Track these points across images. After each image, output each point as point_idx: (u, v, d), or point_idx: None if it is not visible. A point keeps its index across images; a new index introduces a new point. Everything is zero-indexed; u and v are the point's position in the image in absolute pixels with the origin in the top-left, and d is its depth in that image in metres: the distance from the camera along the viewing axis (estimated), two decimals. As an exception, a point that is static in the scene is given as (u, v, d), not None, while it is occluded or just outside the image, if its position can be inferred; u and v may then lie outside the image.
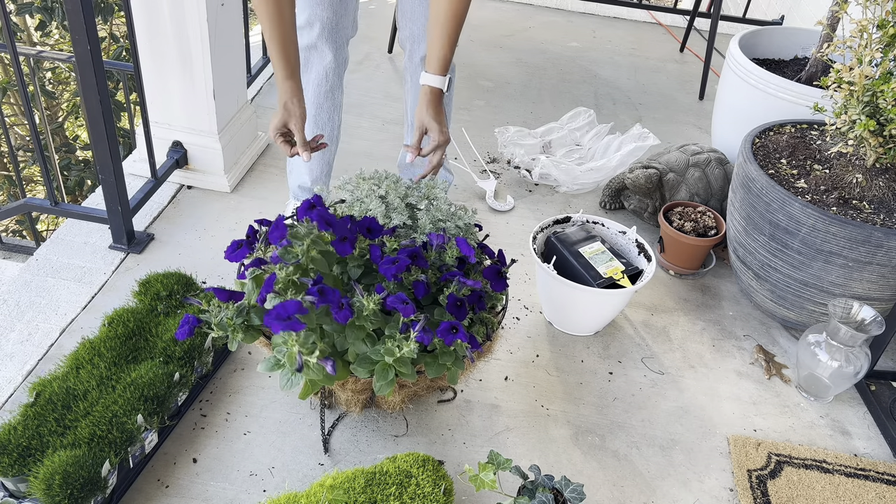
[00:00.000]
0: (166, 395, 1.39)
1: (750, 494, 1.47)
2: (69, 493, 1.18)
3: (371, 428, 1.53)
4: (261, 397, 1.56)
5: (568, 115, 2.61)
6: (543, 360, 1.75)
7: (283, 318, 1.10)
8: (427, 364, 1.25)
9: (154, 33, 1.95)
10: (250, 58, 2.57)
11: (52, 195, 1.92)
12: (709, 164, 2.17)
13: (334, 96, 1.88)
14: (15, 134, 4.61)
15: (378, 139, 2.57)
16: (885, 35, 1.63)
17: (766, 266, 1.79)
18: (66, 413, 1.32)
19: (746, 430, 1.63)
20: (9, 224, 4.36)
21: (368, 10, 3.64)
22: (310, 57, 1.81)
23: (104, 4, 3.63)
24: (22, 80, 1.73)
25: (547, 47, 3.48)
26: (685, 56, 3.57)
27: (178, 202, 2.13)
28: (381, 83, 2.95)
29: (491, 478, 1.23)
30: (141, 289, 1.61)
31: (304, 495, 1.25)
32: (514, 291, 1.94)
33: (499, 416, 1.59)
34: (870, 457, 1.61)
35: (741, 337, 1.89)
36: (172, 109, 2.10)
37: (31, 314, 1.71)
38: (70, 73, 4.58)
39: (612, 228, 1.90)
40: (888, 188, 1.73)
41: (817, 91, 2.00)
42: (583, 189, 2.38)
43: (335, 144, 1.97)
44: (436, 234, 1.36)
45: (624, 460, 1.53)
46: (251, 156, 2.33)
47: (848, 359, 1.62)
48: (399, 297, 1.17)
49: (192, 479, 1.39)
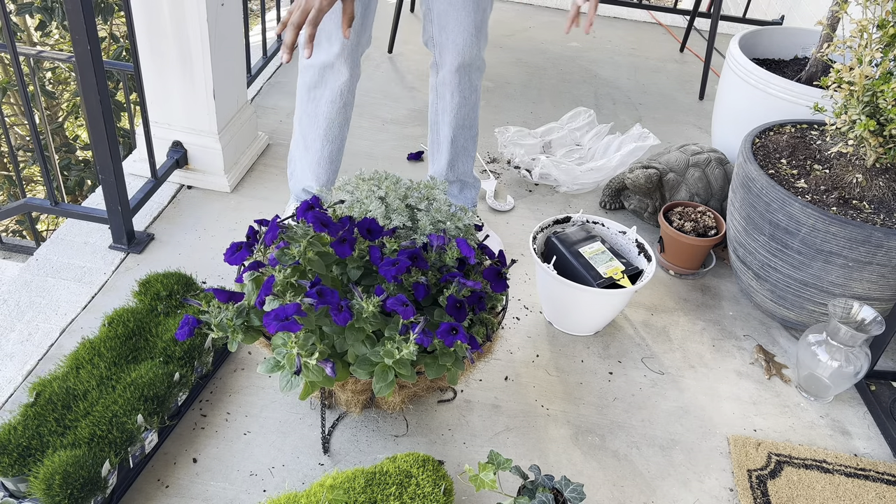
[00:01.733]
0: (166, 395, 1.39)
1: (750, 494, 1.47)
2: (69, 493, 1.18)
3: (371, 428, 1.53)
4: (261, 397, 1.56)
5: (568, 115, 2.61)
6: (543, 360, 1.75)
7: (280, 318, 1.10)
8: (427, 365, 1.25)
9: (154, 33, 1.95)
10: (250, 58, 2.57)
11: (52, 195, 1.92)
12: (709, 164, 2.17)
13: (346, 112, 1.85)
14: (15, 134, 4.61)
15: (378, 139, 2.57)
16: (885, 35, 1.63)
17: (766, 266, 1.79)
18: (66, 413, 1.32)
19: (746, 430, 1.63)
20: (9, 224, 4.36)
21: (368, 9, 3.64)
22: (325, 75, 1.77)
23: (104, 4, 3.63)
24: (22, 80, 1.73)
25: (547, 47, 3.48)
26: (685, 56, 3.57)
27: (178, 202, 2.13)
28: (381, 83, 2.95)
29: (491, 478, 1.23)
30: (141, 289, 1.61)
31: (304, 495, 1.25)
32: (514, 291, 1.94)
33: (499, 416, 1.59)
34: (870, 457, 1.61)
35: (741, 337, 1.89)
36: (172, 109, 2.10)
37: (31, 314, 1.71)
38: (70, 73, 4.58)
39: (612, 228, 1.90)
40: (888, 188, 1.73)
41: (817, 91, 2.00)
42: (583, 189, 2.38)
43: (341, 155, 1.95)
44: (436, 235, 1.36)
45: (624, 460, 1.53)
46: (251, 156, 2.33)
47: (848, 359, 1.62)
48: (399, 299, 1.17)
49: (192, 479, 1.39)
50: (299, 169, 1.96)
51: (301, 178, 1.96)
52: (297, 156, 1.95)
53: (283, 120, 2.60)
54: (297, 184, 1.98)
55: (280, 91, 2.79)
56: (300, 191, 1.98)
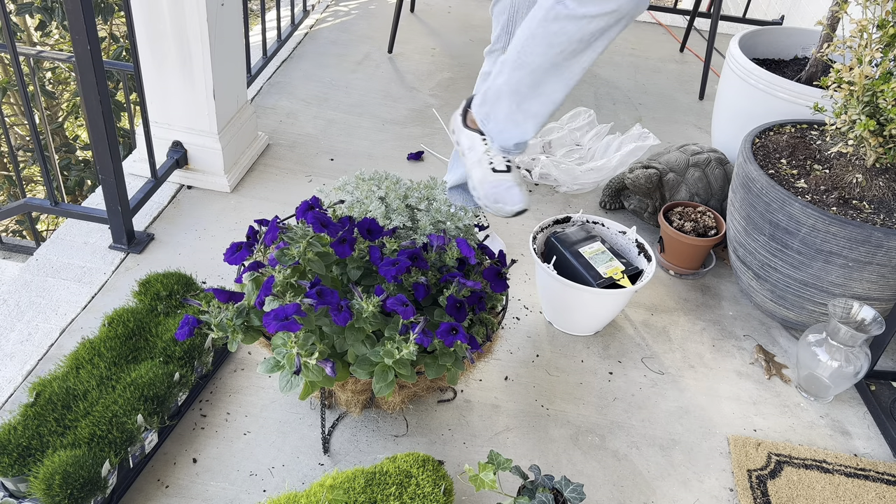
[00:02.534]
0: (166, 395, 1.39)
1: (750, 494, 1.47)
2: (69, 493, 1.18)
3: (371, 428, 1.53)
4: (261, 397, 1.56)
5: (568, 115, 2.61)
6: (543, 360, 1.75)
7: (280, 318, 1.10)
8: (427, 365, 1.25)
9: (154, 33, 1.95)
10: (250, 58, 2.57)
11: (52, 195, 1.92)
12: (709, 164, 2.17)
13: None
14: (15, 134, 4.61)
15: (378, 139, 2.57)
16: (885, 35, 1.63)
17: (766, 266, 1.79)
18: (66, 413, 1.32)
19: (746, 430, 1.63)
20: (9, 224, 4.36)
21: (368, 10, 3.64)
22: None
23: (104, 4, 3.63)
24: (22, 80, 1.73)
25: (547, 47, 3.47)
26: (685, 56, 3.57)
27: (178, 202, 2.13)
28: (381, 83, 2.95)
29: (491, 478, 1.23)
30: (141, 289, 1.61)
31: (304, 495, 1.25)
32: (514, 291, 1.94)
33: (499, 416, 1.59)
34: (870, 457, 1.61)
35: (741, 337, 1.89)
36: (172, 109, 2.10)
37: (31, 314, 1.71)
38: (70, 73, 4.58)
39: (612, 228, 1.90)
40: (888, 188, 1.73)
41: (817, 91, 2.00)
42: (583, 189, 2.38)
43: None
44: (436, 236, 1.36)
45: (624, 460, 1.53)
46: (251, 156, 2.33)
47: (848, 359, 1.62)
48: (399, 299, 1.17)
49: (192, 479, 1.39)
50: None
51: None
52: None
53: (282, 120, 2.60)
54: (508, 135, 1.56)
55: (280, 91, 2.79)
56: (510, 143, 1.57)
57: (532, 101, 1.46)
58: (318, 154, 2.44)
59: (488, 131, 1.54)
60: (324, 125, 2.60)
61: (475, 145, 1.56)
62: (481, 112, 1.54)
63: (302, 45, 3.18)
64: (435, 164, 2.47)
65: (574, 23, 1.36)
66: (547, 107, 1.47)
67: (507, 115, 1.49)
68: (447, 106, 2.83)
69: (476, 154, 1.56)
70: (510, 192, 1.50)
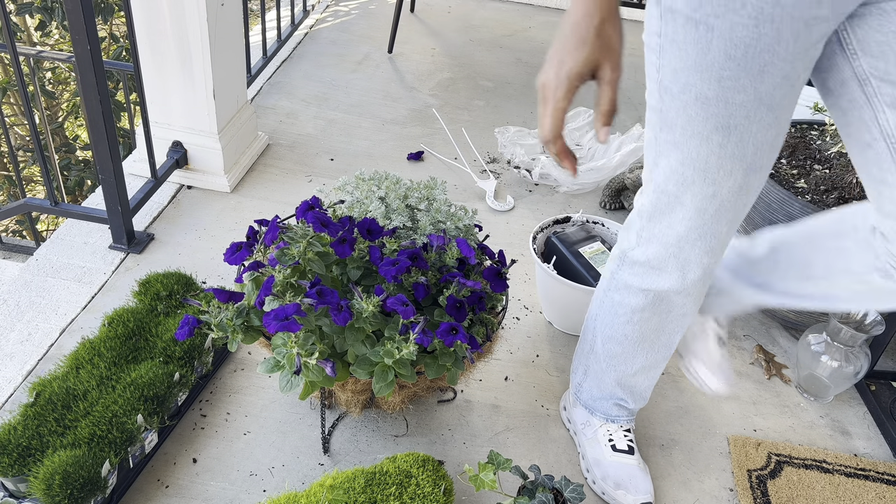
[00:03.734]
0: (166, 395, 1.39)
1: (750, 494, 1.47)
2: (69, 493, 1.18)
3: (371, 428, 1.53)
4: (261, 397, 1.56)
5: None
6: (543, 360, 1.75)
7: (280, 318, 1.10)
8: (427, 365, 1.25)
9: (154, 33, 1.95)
10: (250, 58, 2.57)
11: (52, 195, 1.92)
12: (709, 164, 2.17)
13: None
14: (15, 134, 4.61)
15: (378, 139, 2.57)
16: (885, 35, 1.63)
17: (765, 266, 1.79)
18: (66, 413, 1.32)
19: (746, 430, 1.63)
20: (9, 224, 4.36)
21: (368, 10, 3.64)
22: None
23: (104, 4, 3.63)
24: (22, 80, 1.73)
25: (547, 47, 3.47)
26: (685, 56, 3.57)
27: (178, 202, 2.13)
28: (381, 83, 2.95)
29: (491, 478, 1.23)
30: (141, 289, 1.61)
31: (304, 495, 1.25)
32: (514, 291, 1.94)
33: (499, 416, 1.59)
34: (870, 457, 1.61)
35: (741, 337, 1.89)
36: (172, 109, 2.10)
37: (31, 314, 1.71)
38: (70, 73, 4.58)
39: (612, 228, 1.90)
40: (888, 188, 1.73)
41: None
42: (583, 189, 2.38)
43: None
44: (436, 236, 1.36)
45: (624, 460, 1.53)
46: (251, 156, 2.33)
47: (848, 359, 1.62)
48: (399, 299, 1.17)
49: (192, 479, 1.39)
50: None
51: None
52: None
53: (282, 120, 2.60)
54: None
55: (280, 91, 2.79)
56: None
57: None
58: (318, 154, 2.44)
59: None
60: (324, 125, 2.61)
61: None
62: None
63: (302, 45, 3.18)
64: (435, 164, 2.47)
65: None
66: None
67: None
68: (447, 106, 2.83)
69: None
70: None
